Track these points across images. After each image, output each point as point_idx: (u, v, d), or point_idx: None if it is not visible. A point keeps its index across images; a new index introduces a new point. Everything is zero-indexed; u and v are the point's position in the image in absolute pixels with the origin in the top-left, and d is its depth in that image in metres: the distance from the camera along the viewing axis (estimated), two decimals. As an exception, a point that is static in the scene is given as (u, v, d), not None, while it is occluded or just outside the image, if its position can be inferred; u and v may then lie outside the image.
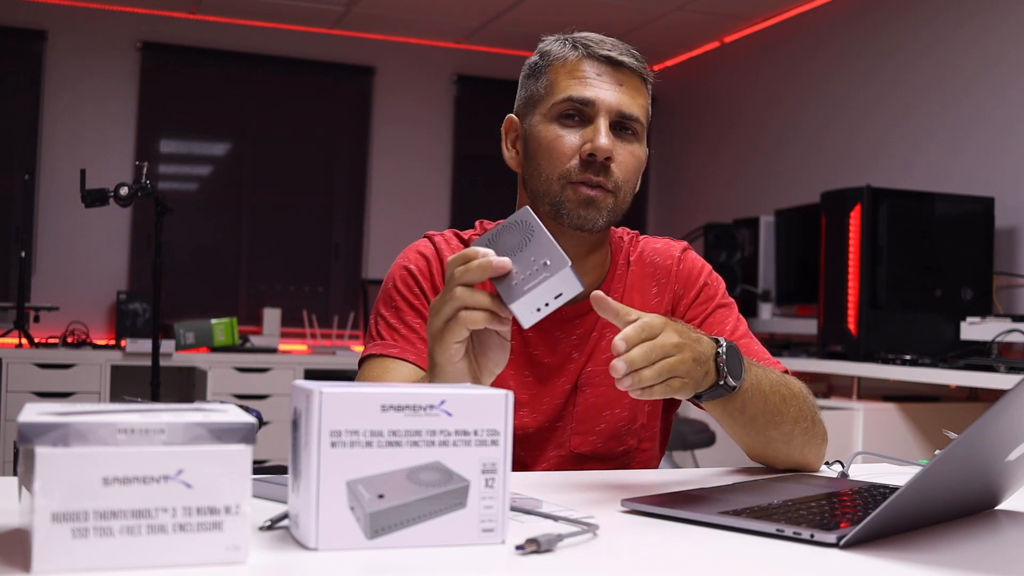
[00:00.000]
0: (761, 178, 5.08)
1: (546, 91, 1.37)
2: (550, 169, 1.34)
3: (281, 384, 4.61)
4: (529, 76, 1.43)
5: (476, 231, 1.49)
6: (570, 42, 1.38)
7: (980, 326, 3.14)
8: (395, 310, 1.39)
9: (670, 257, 1.47)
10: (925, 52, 4.11)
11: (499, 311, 1.01)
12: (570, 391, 1.41)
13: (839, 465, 1.31)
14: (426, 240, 1.47)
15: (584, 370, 1.41)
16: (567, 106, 1.34)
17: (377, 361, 1.36)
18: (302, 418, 0.79)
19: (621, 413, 1.42)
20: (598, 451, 1.42)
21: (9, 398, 4.26)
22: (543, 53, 1.41)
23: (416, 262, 1.43)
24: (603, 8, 4.97)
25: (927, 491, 0.90)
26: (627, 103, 1.34)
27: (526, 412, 1.40)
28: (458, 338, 1.03)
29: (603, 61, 1.35)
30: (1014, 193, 3.62)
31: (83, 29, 5.26)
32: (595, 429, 1.41)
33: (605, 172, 1.32)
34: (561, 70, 1.37)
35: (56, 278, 5.14)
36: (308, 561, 0.76)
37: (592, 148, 1.31)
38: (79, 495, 0.68)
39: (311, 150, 5.83)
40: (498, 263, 1.00)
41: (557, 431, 1.41)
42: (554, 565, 0.77)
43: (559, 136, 1.34)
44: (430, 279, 1.41)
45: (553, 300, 0.99)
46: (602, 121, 1.32)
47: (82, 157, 4.78)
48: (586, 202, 1.32)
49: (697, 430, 3.78)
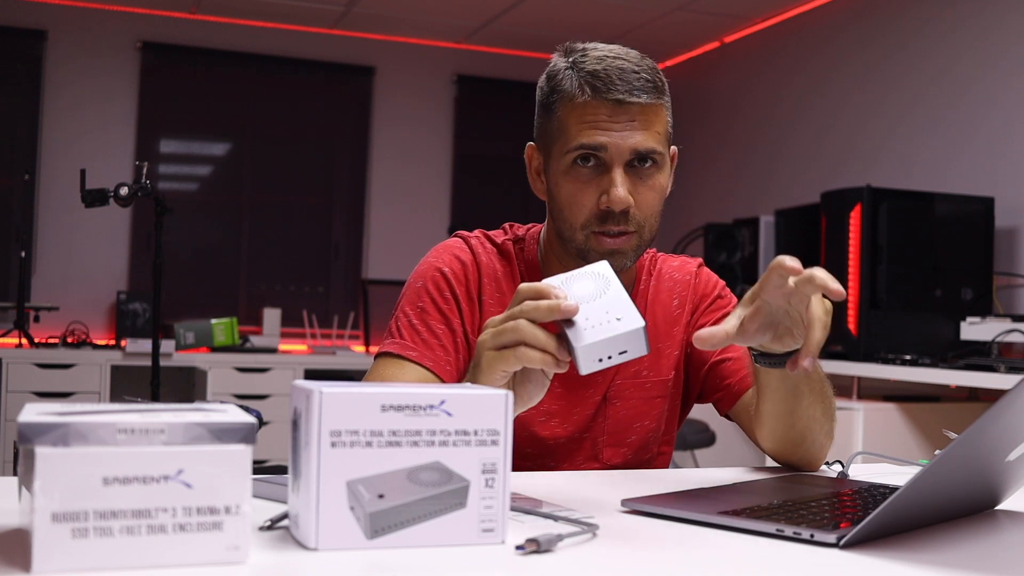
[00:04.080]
0: (761, 178, 5.08)
1: (558, 133, 1.33)
2: (572, 219, 1.33)
3: (281, 384, 4.61)
4: (542, 106, 1.37)
5: (508, 235, 1.47)
6: (577, 77, 1.30)
7: (980, 326, 3.14)
8: (420, 311, 1.38)
9: (688, 273, 1.51)
10: (925, 52, 4.11)
11: (559, 355, 0.99)
12: (600, 403, 1.42)
13: (839, 465, 1.31)
14: (462, 243, 1.44)
15: (613, 383, 1.42)
16: (580, 153, 1.30)
17: (393, 361, 1.35)
18: (302, 418, 0.79)
19: (650, 425, 1.44)
20: (629, 462, 1.44)
21: (9, 398, 4.26)
22: (553, 84, 1.33)
23: (451, 265, 1.40)
24: (603, 8, 4.97)
25: (927, 491, 0.90)
26: (641, 140, 1.29)
27: (557, 422, 1.40)
28: (510, 369, 1.01)
29: (613, 103, 1.28)
30: (1014, 193, 3.62)
31: (83, 29, 5.26)
32: (626, 441, 1.43)
33: (625, 219, 1.31)
34: (571, 112, 1.30)
35: (56, 278, 5.14)
36: (308, 561, 0.76)
37: (608, 203, 1.29)
38: (79, 495, 0.68)
39: (311, 150, 5.83)
40: (566, 308, 0.98)
41: (587, 442, 1.42)
42: (554, 565, 0.77)
43: (577, 189, 1.31)
44: (464, 285, 1.39)
45: (617, 355, 0.99)
46: (617, 171, 1.29)
47: (82, 157, 4.78)
48: (611, 253, 1.31)
49: (697, 430, 3.78)
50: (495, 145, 6.04)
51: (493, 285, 1.41)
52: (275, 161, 5.69)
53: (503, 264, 1.43)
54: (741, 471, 1.31)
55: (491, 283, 1.41)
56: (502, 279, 1.42)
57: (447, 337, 1.36)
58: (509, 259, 1.44)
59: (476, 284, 1.40)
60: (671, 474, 1.31)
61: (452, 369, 1.36)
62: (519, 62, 5.84)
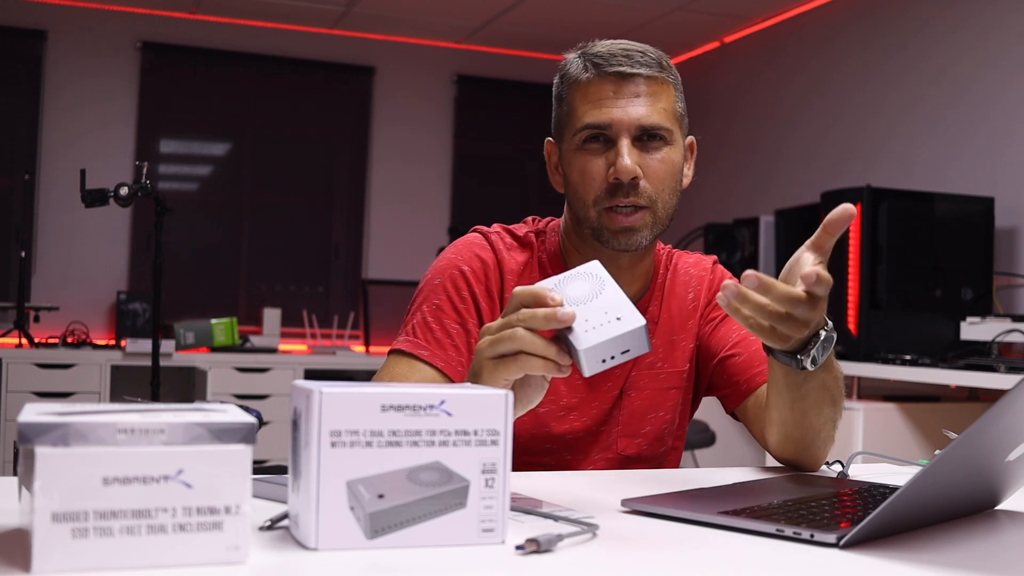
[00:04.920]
0: (761, 178, 5.08)
1: (568, 117, 1.37)
2: (584, 196, 1.35)
3: (281, 384, 4.61)
4: (555, 98, 1.42)
5: (530, 227, 1.48)
6: (583, 60, 1.36)
7: (980, 326, 3.14)
8: (436, 309, 1.37)
9: (704, 268, 1.53)
10: (925, 52, 4.11)
11: (560, 360, 0.98)
12: (617, 396, 1.42)
13: (839, 465, 1.31)
14: (482, 239, 1.44)
15: (631, 375, 1.43)
16: (587, 133, 1.34)
17: (405, 359, 1.35)
18: (302, 418, 0.79)
19: (665, 416, 1.45)
20: (643, 453, 1.44)
21: (9, 398, 4.26)
22: (562, 75, 1.40)
23: (471, 263, 1.40)
24: (603, 8, 4.97)
25: (927, 491, 0.90)
26: (646, 114, 1.32)
27: (576, 416, 1.40)
28: (511, 377, 1.01)
29: (616, 77, 1.32)
30: (1014, 193, 3.62)
31: (83, 29, 5.26)
32: (641, 432, 1.44)
33: (635, 191, 1.32)
34: (577, 93, 1.35)
35: (56, 278, 5.14)
36: (308, 561, 0.76)
37: (615, 173, 1.31)
38: (79, 495, 0.68)
39: (311, 150, 5.83)
40: (563, 317, 0.97)
41: (603, 434, 1.43)
42: (554, 565, 0.77)
43: (585, 165, 1.34)
44: (484, 284, 1.39)
45: (620, 355, 0.98)
46: (624, 143, 1.31)
47: (82, 157, 4.79)
48: (624, 231, 1.33)
49: (697, 430, 3.78)
50: (495, 145, 6.04)
51: (514, 280, 1.41)
52: (275, 161, 5.69)
53: (524, 256, 1.44)
54: (741, 471, 1.31)
55: (512, 278, 1.41)
56: (523, 272, 1.43)
57: (460, 337, 1.36)
58: (531, 250, 1.45)
59: (497, 282, 1.40)
60: (671, 474, 1.31)
61: (463, 370, 1.36)
62: (519, 62, 5.84)
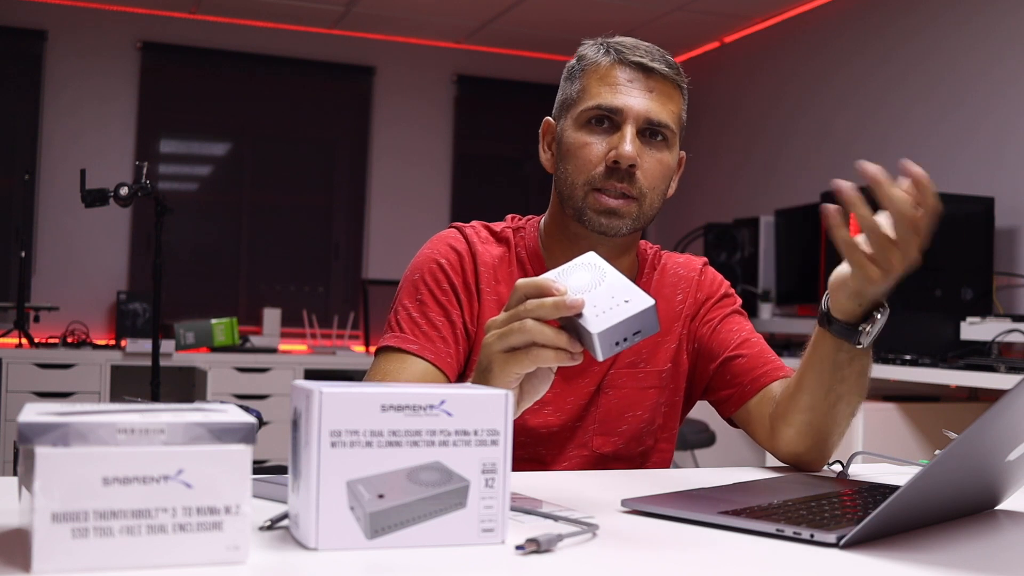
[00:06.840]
0: (761, 178, 5.08)
1: (578, 96, 1.38)
2: (576, 174, 1.36)
3: (281, 384, 4.61)
4: (565, 79, 1.43)
5: (508, 224, 1.48)
6: (604, 47, 1.38)
7: (980, 326, 3.14)
8: (419, 303, 1.38)
9: (693, 269, 1.52)
10: (925, 52, 4.11)
11: (572, 348, 0.98)
12: (593, 392, 1.42)
13: (839, 465, 1.31)
14: (456, 232, 1.45)
15: (608, 372, 1.42)
16: (595, 113, 1.35)
17: (395, 355, 1.36)
18: (302, 418, 0.79)
19: (643, 415, 1.44)
20: (619, 452, 1.44)
21: (9, 398, 4.26)
22: (580, 57, 1.41)
23: (447, 256, 1.41)
24: (603, 8, 4.97)
25: (927, 491, 0.90)
26: (656, 110, 1.34)
27: (550, 411, 1.40)
28: (524, 370, 1.00)
29: (635, 67, 1.35)
30: (1014, 193, 3.62)
31: (83, 29, 5.26)
32: (617, 430, 1.43)
33: (630, 179, 1.33)
34: (593, 75, 1.37)
35: (56, 278, 5.14)
36: (308, 561, 0.76)
37: (616, 155, 1.32)
38: (79, 495, 0.68)
39: (311, 150, 5.83)
40: (572, 303, 0.97)
41: (579, 431, 1.42)
42: (554, 565, 0.77)
43: (586, 143, 1.35)
44: (461, 275, 1.40)
45: (632, 336, 0.98)
46: (628, 128, 1.33)
47: (82, 157, 4.78)
48: (608, 212, 1.34)
49: (697, 430, 3.78)
50: (495, 145, 6.04)
51: (490, 273, 1.42)
52: (275, 161, 5.69)
53: (500, 250, 1.45)
54: (741, 471, 1.31)
55: (487, 271, 1.42)
56: (499, 266, 1.43)
57: (447, 329, 1.37)
58: (507, 245, 1.45)
59: (473, 273, 1.41)
60: (671, 474, 1.31)
61: (453, 362, 1.37)
62: (519, 62, 5.84)
